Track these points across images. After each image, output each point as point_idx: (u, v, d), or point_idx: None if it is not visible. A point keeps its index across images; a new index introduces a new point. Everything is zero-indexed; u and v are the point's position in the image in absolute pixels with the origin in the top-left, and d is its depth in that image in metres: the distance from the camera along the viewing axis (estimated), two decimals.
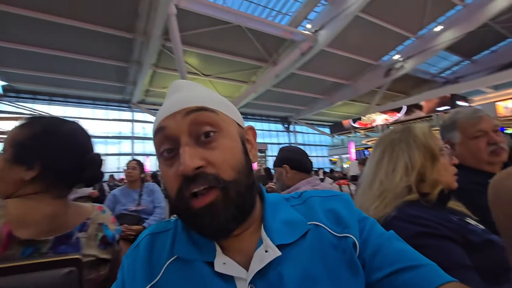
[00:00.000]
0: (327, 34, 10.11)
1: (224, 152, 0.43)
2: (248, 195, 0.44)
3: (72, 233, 0.76)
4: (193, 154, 0.41)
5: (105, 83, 12.82)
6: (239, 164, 0.44)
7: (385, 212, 0.74)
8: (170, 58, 10.54)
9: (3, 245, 0.63)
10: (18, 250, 0.65)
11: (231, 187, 0.41)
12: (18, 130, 0.76)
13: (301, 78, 13.91)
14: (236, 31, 10.06)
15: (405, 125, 0.91)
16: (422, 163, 0.80)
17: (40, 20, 8.18)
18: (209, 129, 0.43)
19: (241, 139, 0.48)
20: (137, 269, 0.44)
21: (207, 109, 0.45)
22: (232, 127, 0.47)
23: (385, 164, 0.85)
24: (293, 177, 1.56)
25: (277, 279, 0.39)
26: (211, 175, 0.41)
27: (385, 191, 0.79)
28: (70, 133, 0.80)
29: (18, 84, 12.12)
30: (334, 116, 21.53)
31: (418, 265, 0.40)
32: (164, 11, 7.53)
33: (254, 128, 0.53)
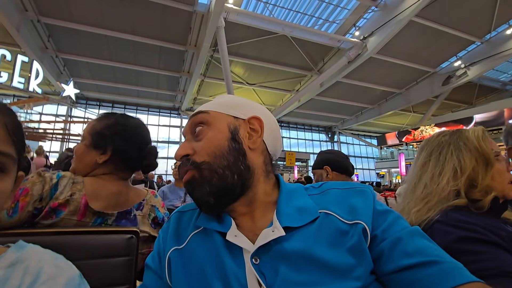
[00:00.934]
0: (377, 41, 9.61)
1: (204, 142, 0.53)
2: (231, 175, 0.50)
3: (131, 210, 0.89)
4: (185, 145, 0.54)
5: (158, 91, 13.97)
6: (215, 149, 0.51)
7: (428, 216, 0.71)
8: (217, 68, 11.04)
9: (81, 213, 0.77)
10: (91, 219, 0.79)
11: (204, 167, 0.50)
12: (96, 121, 0.92)
13: (347, 87, 13.42)
14: (281, 41, 10.14)
15: (456, 129, 0.85)
16: (474, 167, 0.74)
17: (106, 36, 9.28)
18: (199, 126, 0.55)
19: (231, 129, 0.55)
20: (167, 236, 0.55)
21: (201, 112, 0.57)
22: (221, 121, 0.55)
23: (431, 167, 0.80)
24: (334, 179, 1.51)
25: (279, 254, 0.44)
26: (190, 160, 0.52)
27: (430, 195, 0.75)
28: (136, 127, 0.95)
29: (87, 92, 13.89)
30: (382, 127, 20.26)
31: (440, 261, 0.40)
32: (214, 25, 7.94)
33: (259, 118, 0.57)
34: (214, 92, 13.99)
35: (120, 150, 0.88)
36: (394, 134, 17.82)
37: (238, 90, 13.16)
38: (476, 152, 0.76)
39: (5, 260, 0.39)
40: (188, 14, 8.53)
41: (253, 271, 0.43)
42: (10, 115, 0.40)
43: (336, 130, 20.59)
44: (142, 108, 15.94)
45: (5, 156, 0.37)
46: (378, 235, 0.45)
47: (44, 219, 0.72)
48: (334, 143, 21.11)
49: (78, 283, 0.42)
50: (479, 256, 0.57)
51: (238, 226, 0.51)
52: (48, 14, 8.34)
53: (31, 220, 0.72)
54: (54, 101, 8.08)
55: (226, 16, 8.42)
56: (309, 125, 20.26)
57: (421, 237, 0.45)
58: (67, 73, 11.68)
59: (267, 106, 15.94)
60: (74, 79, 11.60)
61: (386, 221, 0.47)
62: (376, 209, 0.49)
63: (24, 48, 8.53)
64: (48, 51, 9.90)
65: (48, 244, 0.52)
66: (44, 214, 0.72)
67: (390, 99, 15.27)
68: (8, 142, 0.38)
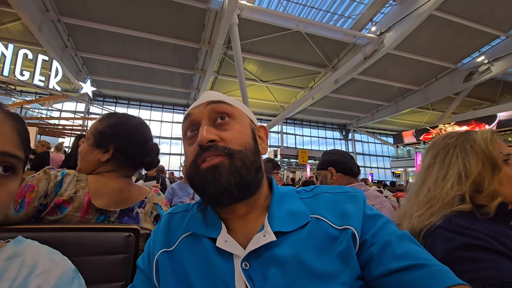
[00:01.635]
0: (394, 36, 9.31)
1: (234, 133, 0.51)
2: (253, 172, 0.50)
3: (133, 207, 0.91)
4: (209, 130, 0.50)
5: (172, 89, 14.20)
6: (246, 143, 0.51)
7: (430, 221, 0.68)
8: (230, 66, 11.07)
9: (84, 210, 0.80)
10: (94, 216, 0.82)
11: (237, 156, 0.48)
12: (98, 122, 0.95)
13: (363, 84, 13.13)
14: (295, 37, 10.03)
15: (464, 131, 0.82)
16: (480, 171, 0.71)
17: (122, 35, 9.49)
18: (224, 115, 0.53)
19: (252, 129, 0.56)
20: (157, 238, 0.54)
21: (224, 102, 0.54)
22: (245, 119, 0.55)
23: (435, 170, 0.78)
24: (339, 181, 1.49)
25: (269, 259, 0.44)
26: (222, 146, 0.48)
27: (433, 199, 0.73)
28: (136, 125, 0.97)
29: (104, 90, 14.33)
30: (399, 125, 19.71)
31: (428, 264, 0.40)
32: (228, 22, 7.95)
33: (266, 128, 0.60)
34: (227, 90, 14.06)
35: (121, 148, 0.91)
36: (411, 133, 17.26)
37: (251, 87, 13.16)
38: (483, 155, 0.73)
39: (4, 254, 0.42)
40: (202, 11, 8.57)
41: (243, 277, 0.43)
42: (21, 123, 0.44)
43: (350, 128, 20.21)
44: (156, 105, 16.26)
45: (17, 159, 0.41)
46: (367, 240, 0.45)
47: (49, 215, 0.75)
48: (348, 141, 20.75)
49: (71, 277, 0.45)
50: (480, 265, 0.55)
51: (229, 229, 0.50)
52: (68, 14, 8.62)
53: (37, 215, 0.75)
54: (72, 99, 8.37)
55: (239, 13, 8.41)
56: (323, 122, 20.00)
57: (410, 241, 0.45)
58: (85, 71, 12.07)
59: (280, 104, 15.87)
60: (92, 77, 11.98)
61: (376, 225, 0.47)
62: (366, 213, 0.49)
63: (46, 47, 8.86)
64: (68, 50, 10.25)
65: (49, 240, 0.55)
66: (49, 210, 0.75)
67: (407, 96, 14.80)
68: (20, 146, 0.42)
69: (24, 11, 7.08)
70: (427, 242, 0.65)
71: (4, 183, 0.39)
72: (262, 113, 17.63)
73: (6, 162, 0.39)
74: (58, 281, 0.43)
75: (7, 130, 0.40)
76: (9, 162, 0.40)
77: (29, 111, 10.26)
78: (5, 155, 0.39)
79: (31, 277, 0.41)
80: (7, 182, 0.40)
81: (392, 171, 19.68)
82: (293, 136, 19.47)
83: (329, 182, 1.50)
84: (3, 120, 0.40)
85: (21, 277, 0.41)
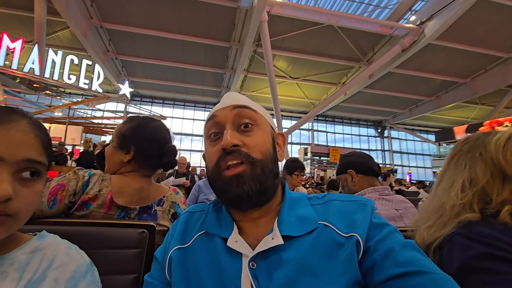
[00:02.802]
0: (437, 25, 8.58)
1: (257, 139, 0.54)
2: (271, 179, 0.53)
3: (152, 205, 0.96)
4: (233, 135, 0.52)
5: (204, 88, 14.62)
6: (267, 151, 0.54)
7: (443, 232, 0.64)
8: (260, 63, 11.08)
9: (107, 206, 0.87)
10: (116, 212, 0.89)
11: (258, 164, 0.51)
12: (122, 125, 1.02)
13: (400, 78, 12.35)
14: (327, 32, 9.73)
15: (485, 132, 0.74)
16: (488, 181, 0.65)
17: (157, 37, 9.96)
18: (248, 121, 0.55)
19: (272, 136, 0.58)
20: (175, 234, 0.58)
21: (249, 108, 0.57)
22: (267, 126, 0.58)
23: (446, 176, 0.75)
24: (360, 182, 1.41)
25: (276, 261, 0.46)
26: (244, 152, 0.51)
27: (441, 208, 0.69)
28: (156, 128, 1.02)
29: (141, 90, 15.21)
30: (441, 121, 18.27)
31: (429, 271, 0.40)
32: (258, 19, 7.94)
33: (284, 135, 0.62)
34: (257, 87, 14.11)
35: (142, 149, 0.97)
36: (464, 129, 15.79)
37: (281, 84, 13.06)
38: (492, 164, 0.67)
39: (29, 247, 0.48)
40: (232, 10, 8.67)
41: (249, 276, 0.45)
42: (44, 131, 0.50)
43: (386, 124, 19.18)
44: (189, 104, 16.87)
45: (41, 165, 0.46)
46: (371, 246, 0.46)
47: (77, 211, 0.84)
48: (384, 139, 19.72)
49: (85, 271, 0.51)
50: (499, 277, 0.51)
51: (240, 230, 0.53)
52: (109, 20, 9.26)
53: (67, 211, 0.84)
54: (113, 99, 9.00)
55: (269, 10, 8.36)
56: (356, 119, 19.23)
57: (414, 249, 0.45)
58: (125, 73, 12.90)
59: (311, 100, 15.56)
60: (130, 78, 12.76)
61: (381, 233, 0.48)
62: (372, 222, 0.49)
63: (90, 52, 9.63)
64: (109, 54, 11.04)
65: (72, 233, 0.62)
66: (77, 207, 0.84)
67: (451, 90, 13.62)
68: (43, 153, 0.47)
69: (72, 19, 7.77)
70: (444, 251, 0.60)
71: (32, 185, 0.45)
72: (292, 110, 17.43)
73: (32, 168, 0.45)
74: (72, 274, 0.48)
75: (31, 138, 0.46)
76: (34, 167, 0.45)
77: (76, 111, 11.24)
78: (31, 162, 0.45)
79: (49, 270, 0.47)
80: (34, 184, 0.46)
81: (434, 170, 18.29)
82: (324, 134, 18.99)
83: (350, 185, 1.42)
84: (28, 129, 0.46)
85: (41, 270, 0.46)
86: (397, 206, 1.28)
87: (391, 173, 11.54)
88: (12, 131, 0.43)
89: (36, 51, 6.15)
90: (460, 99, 13.51)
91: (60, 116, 9.66)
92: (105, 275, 0.55)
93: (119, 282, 0.63)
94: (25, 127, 0.45)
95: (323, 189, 6.64)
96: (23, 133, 0.44)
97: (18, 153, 0.43)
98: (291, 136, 16.88)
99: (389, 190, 1.36)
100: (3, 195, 0.39)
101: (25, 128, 0.45)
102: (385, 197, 1.31)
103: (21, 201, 0.43)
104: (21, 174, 0.43)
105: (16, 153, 0.42)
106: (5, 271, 0.44)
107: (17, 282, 0.43)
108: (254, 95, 14.71)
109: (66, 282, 0.47)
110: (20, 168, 0.43)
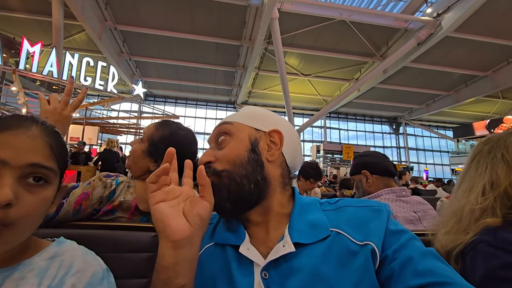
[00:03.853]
0: (455, 17, 8.23)
1: (226, 150, 0.55)
2: (248, 185, 0.52)
3: None
4: (208, 153, 0.57)
5: (215, 86, 14.71)
6: (235, 158, 0.54)
7: (464, 239, 0.61)
8: (271, 61, 11.02)
9: (131, 212, 0.90)
10: (139, 218, 0.91)
11: (224, 175, 0.52)
12: (155, 129, 1.00)
13: (416, 72, 11.97)
14: (339, 27, 9.54)
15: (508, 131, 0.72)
16: (510, 183, 0.63)
17: (169, 38, 10.08)
18: (222, 136, 0.58)
19: (252, 140, 0.57)
20: None
21: (226, 122, 0.60)
22: (243, 133, 0.58)
23: (467, 178, 0.72)
24: (375, 183, 1.35)
25: (288, 270, 0.45)
26: (213, 168, 0.54)
27: (460, 212, 0.66)
28: (189, 143, 1.03)
29: (154, 90, 15.48)
30: (459, 116, 17.60)
31: (452, 282, 0.38)
32: (268, 17, 7.88)
33: (280, 132, 0.59)
34: (268, 85, 14.05)
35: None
36: (484, 124, 15.15)
37: (293, 82, 12.94)
38: None
39: (48, 253, 0.49)
40: (242, 8, 8.65)
41: (261, 286, 0.45)
42: (55, 137, 0.49)
43: (401, 121, 18.67)
44: (201, 102, 17.03)
45: (49, 170, 0.45)
46: (389, 255, 0.44)
47: (102, 217, 0.86)
48: (399, 135, 19.23)
49: (101, 277, 0.51)
50: None
51: (251, 237, 0.53)
52: (123, 22, 9.45)
53: (91, 217, 0.86)
54: (127, 100, 9.21)
55: (280, 7, 8.28)
56: (370, 116, 18.82)
57: (434, 258, 0.43)
58: (138, 74, 13.16)
59: (323, 97, 15.36)
60: (144, 78, 12.99)
61: (399, 241, 0.46)
62: (388, 229, 0.48)
63: (105, 53, 9.87)
64: (123, 55, 11.28)
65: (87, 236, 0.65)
66: (101, 213, 0.86)
67: (471, 83, 13.08)
68: (51, 158, 0.46)
69: (87, 22, 7.98)
70: (467, 259, 0.58)
71: (37, 192, 0.44)
72: (304, 107, 17.26)
73: (37, 173, 0.44)
74: (89, 280, 0.48)
75: (38, 143, 0.45)
76: (40, 173, 0.44)
77: (93, 112, 11.56)
78: (36, 166, 0.43)
79: (67, 276, 0.47)
80: (40, 190, 0.44)
81: (452, 168, 17.69)
82: (337, 131, 18.71)
83: (365, 186, 1.37)
84: (36, 135, 0.45)
85: (59, 276, 0.46)
86: (415, 208, 1.23)
87: (407, 170, 11.25)
88: (19, 136, 0.43)
89: (54, 54, 6.35)
90: (481, 93, 12.96)
91: (77, 117, 9.97)
92: (119, 279, 0.56)
93: (133, 286, 0.63)
94: (33, 132, 0.45)
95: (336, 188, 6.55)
96: (31, 139, 0.44)
97: (23, 157, 0.42)
98: (303, 133, 16.73)
99: (407, 191, 1.32)
100: (3, 200, 0.38)
101: (33, 134, 0.45)
102: (402, 199, 1.27)
103: (23, 208, 0.41)
104: (26, 180, 0.42)
105: (21, 157, 0.41)
106: (25, 277, 0.44)
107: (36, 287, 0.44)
108: (266, 93, 14.66)
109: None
110: (25, 173, 0.42)
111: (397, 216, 1.17)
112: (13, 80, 6.51)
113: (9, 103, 9.60)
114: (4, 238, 0.40)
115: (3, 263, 0.45)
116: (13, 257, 0.46)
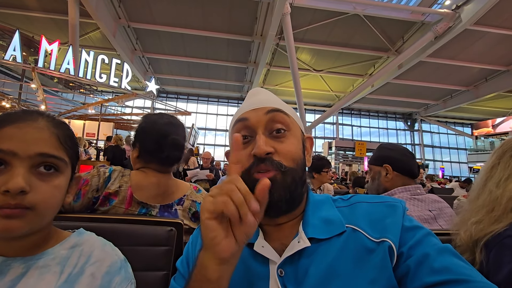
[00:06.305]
0: (475, 9, 7.90)
1: (289, 146, 0.51)
2: (300, 187, 0.51)
3: (172, 204, 0.99)
4: (268, 142, 0.51)
5: (227, 83, 14.75)
6: (298, 158, 0.52)
7: (494, 229, 0.61)
8: (283, 57, 10.93)
9: (128, 202, 0.90)
10: (137, 209, 0.92)
11: (289, 173, 0.49)
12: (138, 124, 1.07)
13: (433, 67, 11.61)
14: (352, 21, 9.34)
15: None
16: None
17: (181, 35, 10.16)
18: (280, 126, 0.53)
19: (302, 141, 0.56)
20: (196, 243, 0.56)
21: (283, 112, 0.55)
22: (298, 130, 0.56)
23: (499, 170, 0.71)
24: (394, 180, 1.29)
25: (304, 267, 0.45)
26: (276, 161, 0.49)
27: (494, 202, 0.66)
28: (154, 122, 1.02)
29: (166, 86, 15.69)
30: (478, 113, 16.99)
31: (470, 280, 0.37)
32: (280, 12, 7.79)
33: (312, 138, 0.60)
34: (280, 81, 13.96)
35: (142, 144, 1.00)
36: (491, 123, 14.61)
37: (304, 77, 12.81)
38: None
39: (69, 243, 0.52)
40: (254, 4, 8.60)
41: (277, 284, 0.44)
42: (62, 128, 0.51)
43: (417, 117, 18.20)
44: (212, 99, 17.15)
45: (58, 159, 0.48)
46: (404, 252, 0.43)
47: (101, 206, 0.89)
48: (414, 132, 18.75)
49: (119, 267, 0.53)
50: None
51: (265, 234, 0.52)
52: (136, 19, 9.58)
53: (92, 207, 0.89)
54: (140, 96, 9.37)
55: (292, 1, 8.17)
56: (384, 112, 18.43)
57: (452, 254, 0.42)
58: (151, 71, 13.35)
59: (335, 93, 15.14)
60: (156, 75, 13.17)
61: (414, 237, 0.45)
62: (404, 225, 0.46)
63: (119, 51, 10.05)
64: (137, 52, 11.46)
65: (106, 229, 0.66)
66: (100, 202, 0.89)
67: (491, 78, 12.58)
68: (60, 148, 0.49)
69: (102, 20, 8.14)
70: (491, 253, 0.56)
71: (50, 180, 0.47)
72: (316, 103, 17.08)
73: (47, 162, 0.47)
74: (108, 269, 0.51)
75: (45, 134, 0.48)
76: (50, 162, 0.47)
77: (107, 108, 11.84)
78: (45, 156, 0.46)
79: (87, 265, 0.50)
80: (51, 179, 0.47)
81: (469, 166, 17.13)
82: (349, 127, 18.44)
83: (382, 180, 1.31)
84: (43, 126, 0.48)
85: (80, 265, 0.49)
86: (430, 206, 1.20)
87: (422, 168, 10.96)
88: (26, 128, 0.46)
89: (71, 52, 6.52)
90: (502, 88, 12.43)
91: (93, 113, 10.23)
92: (138, 271, 0.58)
93: (150, 278, 0.65)
94: (40, 124, 0.48)
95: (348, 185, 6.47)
96: (37, 130, 0.47)
97: (31, 148, 0.44)
98: (314, 130, 16.57)
99: (421, 189, 1.27)
100: (15, 187, 0.41)
101: (39, 126, 0.47)
102: (417, 197, 1.22)
103: (39, 194, 0.44)
104: (38, 169, 0.45)
105: (29, 148, 0.44)
106: (48, 265, 0.47)
107: (58, 275, 0.47)
108: (277, 89, 14.57)
109: (102, 277, 0.50)
110: (35, 163, 0.45)
111: (411, 215, 1.14)
112: (32, 77, 6.73)
113: (29, 100, 9.95)
114: (29, 219, 0.43)
115: (28, 251, 0.48)
116: (37, 246, 0.49)
